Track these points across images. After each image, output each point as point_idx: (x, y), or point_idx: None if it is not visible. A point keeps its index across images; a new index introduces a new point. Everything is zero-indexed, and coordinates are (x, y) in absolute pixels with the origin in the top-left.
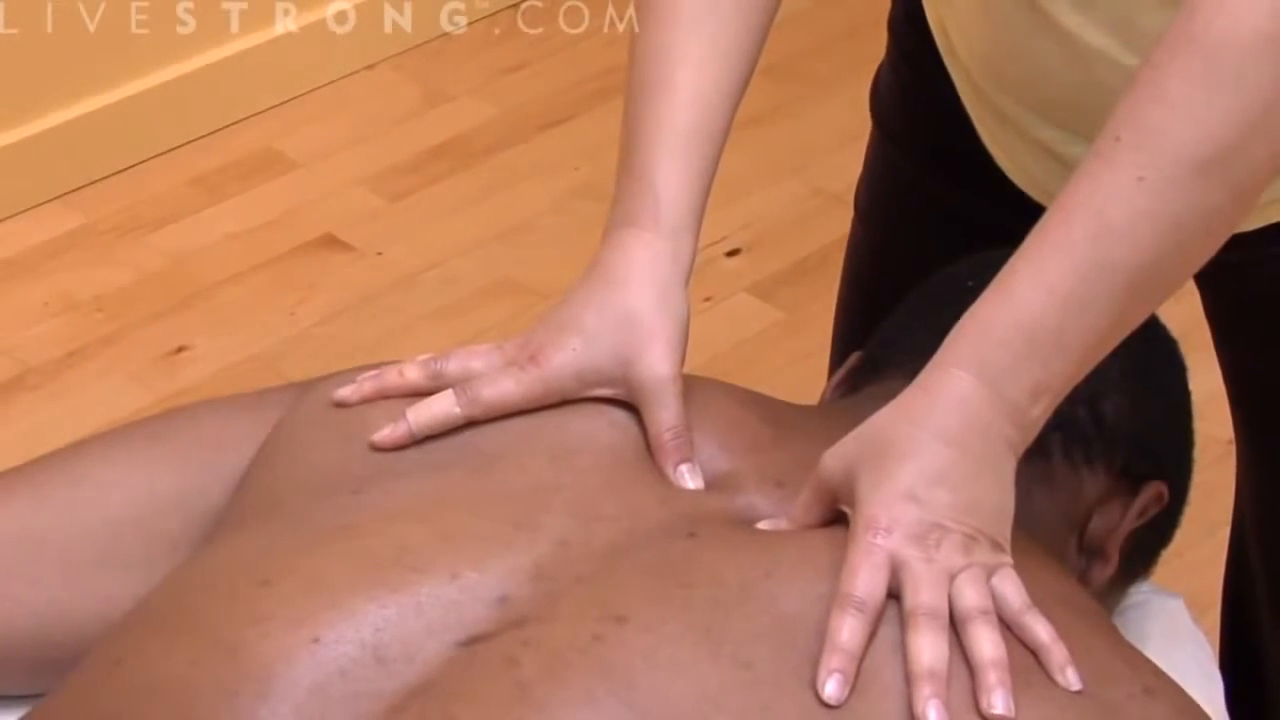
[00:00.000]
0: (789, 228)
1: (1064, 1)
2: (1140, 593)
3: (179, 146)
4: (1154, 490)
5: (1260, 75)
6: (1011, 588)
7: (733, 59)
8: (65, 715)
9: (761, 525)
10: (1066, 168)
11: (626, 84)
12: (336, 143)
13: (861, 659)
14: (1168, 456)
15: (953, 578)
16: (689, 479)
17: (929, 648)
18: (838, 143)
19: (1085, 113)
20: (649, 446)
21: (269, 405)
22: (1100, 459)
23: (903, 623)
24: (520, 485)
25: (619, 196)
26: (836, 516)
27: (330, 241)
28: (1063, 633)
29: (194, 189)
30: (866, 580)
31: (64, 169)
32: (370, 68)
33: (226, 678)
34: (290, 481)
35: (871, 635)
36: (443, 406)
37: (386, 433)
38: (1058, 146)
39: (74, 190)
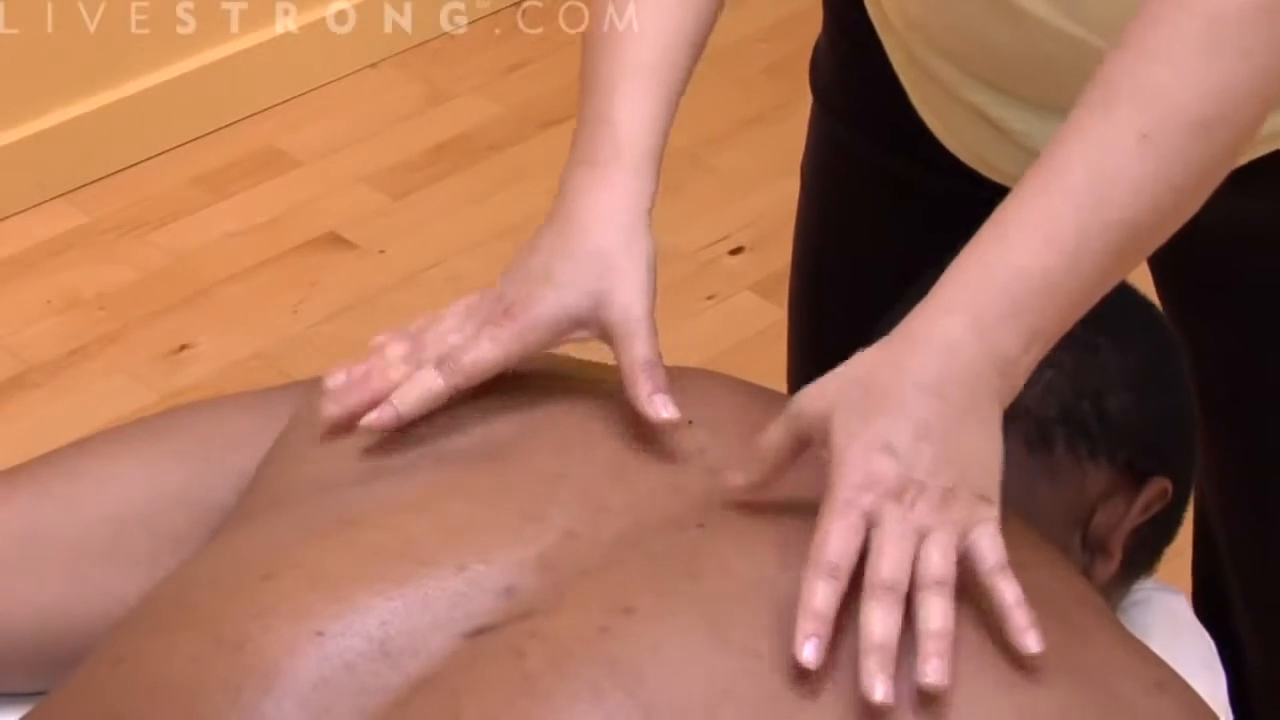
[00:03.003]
0: (792, 226)
1: None
2: (1143, 589)
3: (181, 145)
4: (1158, 486)
5: (1258, 40)
6: (988, 544)
7: (689, 6)
8: (68, 713)
9: (729, 477)
10: (998, 131)
11: (585, 35)
12: (339, 141)
13: (834, 621)
14: (1172, 453)
15: (923, 538)
16: (662, 408)
17: (880, 622)
18: None
19: (1020, 77)
20: (623, 381)
21: (272, 404)
22: (1104, 454)
23: (863, 590)
24: (526, 476)
25: (577, 136)
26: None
27: (333, 239)
28: (1076, 628)
29: (196, 187)
30: (839, 543)
31: (66, 167)
32: (373, 66)
33: (230, 673)
34: (294, 477)
35: (844, 595)
36: (425, 383)
37: (374, 416)
38: (990, 109)
39: (76, 188)
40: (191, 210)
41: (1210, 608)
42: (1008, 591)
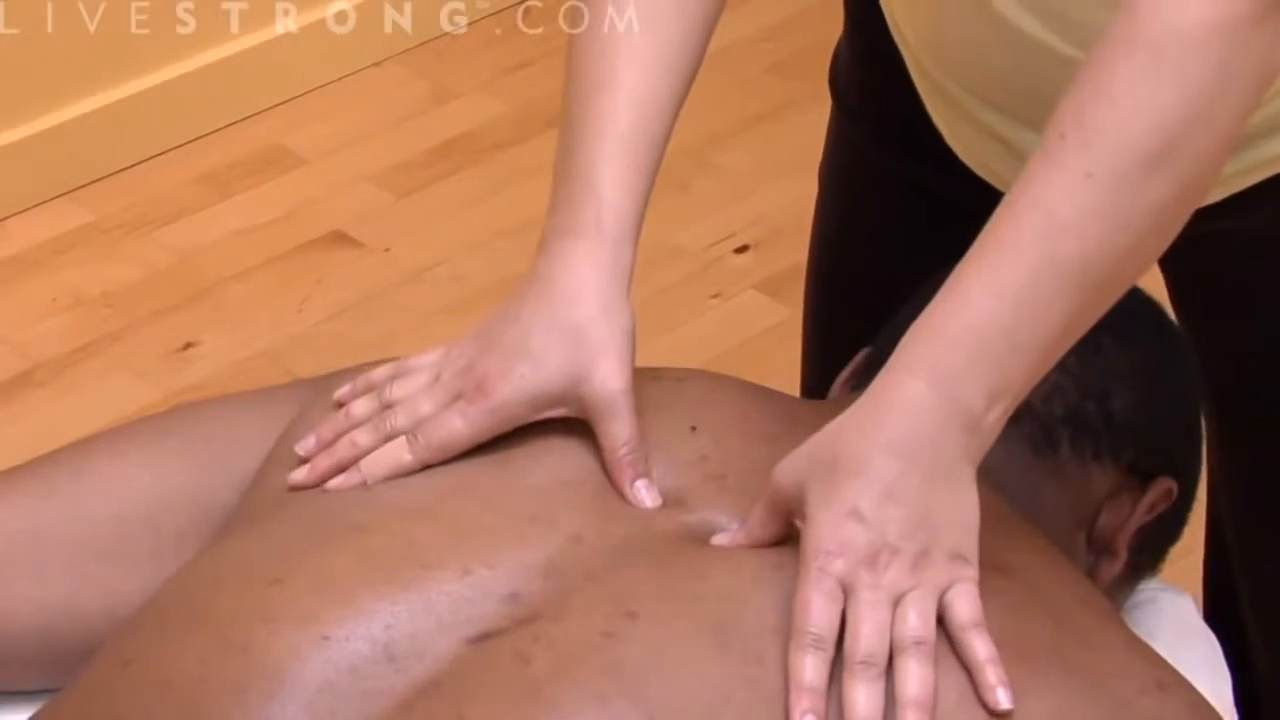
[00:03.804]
0: (797, 225)
1: None
2: (1148, 589)
3: (187, 143)
4: (1163, 486)
5: (1204, 65)
6: (963, 602)
7: (674, 65)
8: (75, 714)
9: (716, 539)
10: (1009, 149)
11: (566, 85)
12: (344, 139)
13: (829, 691)
14: (1177, 453)
15: (899, 601)
16: (646, 496)
17: (864, 697)
18: None
19: (1023, 98)
20: (604, 464)
21: (277, 402)
22: (1109, 454)
23: (844, 664)
24: (533, 481)
25: (558, 202)
26: (792, 531)
27: (338, 238)
28: (1076, 626)
29: (202, 185)
30: (819, 612)
31: (72, 165)
32: (378, 64)
33: (236, 676)
34: None
35: (833, 663)
36: (394, 456)
37: (340, 481)
38: (999, 129)
39: (82, 186)
40: (197, 209)
41: (1221, 612)
42: (980, 649)
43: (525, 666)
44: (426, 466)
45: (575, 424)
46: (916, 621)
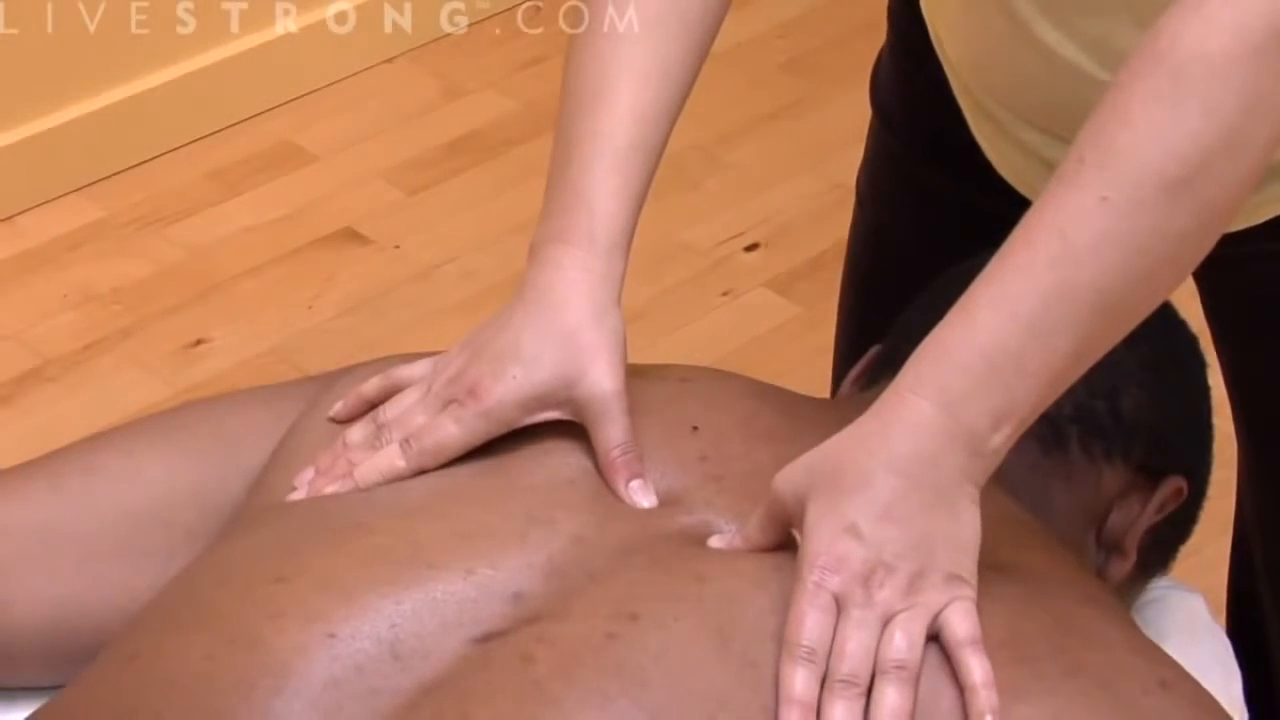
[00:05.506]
0: (807, 222)
1: (1042, 19)
2: (1159, 588)
3: (198, 139)
4: (1173, 485)
5: (1227, 96)
6: (960, 619)
7: (674, 75)
8: (81, 709)
9: (712, 542)
10: (1050, 168)
11: (564, 92)
12: (355, 136)
13: (818, 704)
14: (1187, 452)
15: (889, 621)
16: (641, 496)
17: (840, 716)
18: (856, 137)
19: (1064, 121)
20: (599, 466)
21: (286, 399)
22: (1119, 453)
23: (826, 681)
24: (534, 481)
25: (550, 210)
26: (790, 540)
27: (348, 235)
28: (1078, 626)
29: (212, 182)
30: (813, 626)
31: (83, 162)
32: (389, 61)
33: (243, 672)
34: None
35: (823, 678)
36: (387, 462)
37: (333, 487)
38: (1041, 149)
39: (93, 183)
40: (207, 205)
41: (1244, 621)
42: (976, 670)
43: (529, 667)
44: (422, 472)
45: (571, 426)
46: (901, 644)
